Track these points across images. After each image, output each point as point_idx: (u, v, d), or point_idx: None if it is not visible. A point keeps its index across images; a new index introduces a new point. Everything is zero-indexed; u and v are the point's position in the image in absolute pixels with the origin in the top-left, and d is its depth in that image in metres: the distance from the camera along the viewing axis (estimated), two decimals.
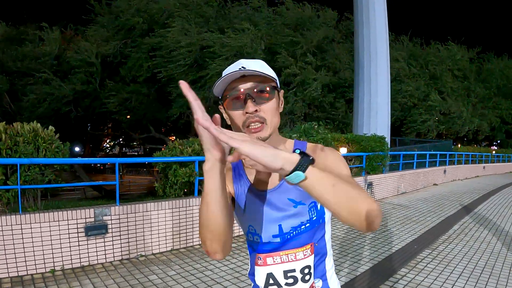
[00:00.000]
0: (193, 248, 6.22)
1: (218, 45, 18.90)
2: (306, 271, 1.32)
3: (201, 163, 6.76)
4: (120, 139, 35.86)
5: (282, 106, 1.32)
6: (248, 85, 1.20)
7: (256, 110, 1.18)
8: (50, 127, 5.46)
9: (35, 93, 19.55)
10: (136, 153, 48.10)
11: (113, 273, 4.94)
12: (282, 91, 1.33)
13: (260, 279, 1.37)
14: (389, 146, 13.48)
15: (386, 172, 13.04)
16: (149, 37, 20.21)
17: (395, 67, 24.84)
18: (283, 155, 0.92)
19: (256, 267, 1.38)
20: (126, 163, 36.93)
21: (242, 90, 1.19)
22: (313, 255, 1.34)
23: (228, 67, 1.25)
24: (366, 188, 11.19)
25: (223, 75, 1.21)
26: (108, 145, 37.88)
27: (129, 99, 21.06)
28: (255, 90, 1.20)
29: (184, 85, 0.87)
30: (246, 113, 1.18)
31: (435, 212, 9.78)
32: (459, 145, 31.87)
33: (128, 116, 23.85)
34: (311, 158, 0.95)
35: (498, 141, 40.89)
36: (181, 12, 20.36)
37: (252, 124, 1.19)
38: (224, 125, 1.06)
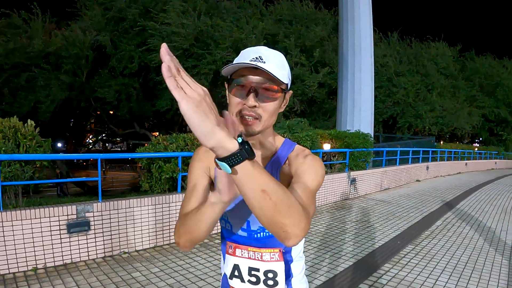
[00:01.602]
0: (176, 245, 6.18)
1: (217, 32, 18.73)
2: (270, 275, 1.31)
3: (184, 158, 6.74)
4: (103, 135, 35.65)
5: (285, 107, 1.29)
6: (257, 78, 1.16)
7: (255, 106, 1.15)
8: (30, 122, 5.39)
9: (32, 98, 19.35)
10: (119, 149, 47.86)
11: (96, 270, 4.90)
12: (290, 92, 1.30)
13: (228, 268, 1.37)
14: (373, 142, 13.55)
15: (370, 168, 13.11)
16: (144, 20, 19.75)
17: (388, 65, 25.29)
18: (219, 137, 0.84)
19: (226, 256, 1.39)
20: (109, 159, 36.76)
21: (249, 81, 1.16)
22: (282, 262, 1.32)
23: (246, 50, 1.23)
24: (349, 184, 11.25)
25: (240, 57, 1.20)
26: (91, 141, 37.63)
27: (120, 92, 20.85)
28: (262, 86, 1.16)
29: (163, 47, 0.79)
30: (244, 104, 1.16)
31: (418, 208, 9.86)
32: (441, 142, 32.20)
33: (111, 112, 23.66)
34: (248, 153, 0.88)
35: (481, 139, 41.39)
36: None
37: (247, 117, 1.16)
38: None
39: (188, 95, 0.80)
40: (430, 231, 7.41)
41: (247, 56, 1.18)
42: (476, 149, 31.43)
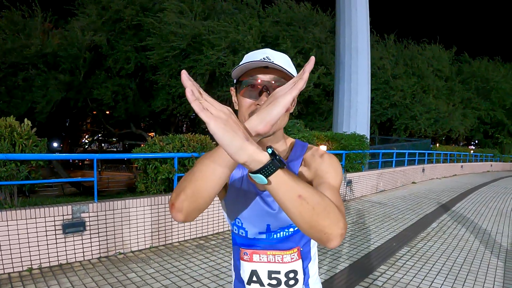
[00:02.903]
0: (172, 246, 6.18)
1: (214, 33, 18.63)
2: (291, 275, 1.31)
3: (180, 159, 6.74)
4: (99, 135, 35.56)
5: (294, 107, 1.26)
6: (268, 77, 1.16)
7: None
8: (26, 122, 5.36)
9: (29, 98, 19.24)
10: (115, 149, 47.78)
11: (91, 271, 4.88)
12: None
13: (245, 274, 1.35)
14: (368, 144, 13.56)
15: (366, 170, 13.12)
16: (142, 17, 19.58)
17: (386, 66, 25.46)
18: (250, 151, 0.85)
19: (242, 262, 1.36)
20: (104, 159, 36.66)
21: (260, 80, 1.16)
22: (300, 260, 1.32)
23: (252, 52, 1.23)
24: (345, 186, 11.25)
25: (245, 59, 1.18)
26: (86, 141, 37.51)
27: (117, 93, 20.76)
28: (274, 85, 1.15)
29: (184, 74, 0.81)
30: (258, 104, 1.15)
31: (413, 210, 9.87)
32: (437, 144, 32.27)
33: (108, 112, 23.58)
34: (279, 162, 0.89)
35: (476, 141, 41.51)
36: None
37: None
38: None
39: (215, 115, 0.82)
40: (425, 233, 7.42)
41: (253, 57, 1.17)
42: (472, 151, 31.51)
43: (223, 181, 1.04)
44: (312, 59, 0.92)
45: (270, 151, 0.90)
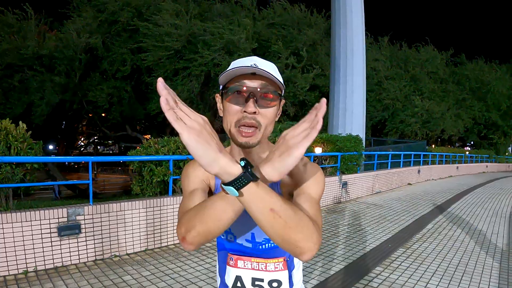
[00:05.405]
0: (167, 248, 6.17)
1: (209, 33, 18.64)
2: (275, 284, 1.31)
3: (175, 162, 6.73)
4: (95, 137, 35.50)
5: (279, 116, 1.26)
6: (255, 84, 1.14)
7: (255, 112, 1.12)
8: (22, 125, 5.35)
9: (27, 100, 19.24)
10: (110, 152, 47.66)
11: (87, 274, 4.87)
12: (283, 101, 1.26)
13: (230, 280, 1.36)
14: (364, 146, 13.57)
15: (361, 172, 13.13)
16: (137, 21, 19.60)
17: (378, 68, 25.50)
18: (222, 163, 0.87)
19: (227, 267, 1.36)
20: (100, 161, 36.53)
21: (247, 87, 1.13)
22: (286, 270, 1.32)
23: (239, 59, 1.21)
24: (341, 187, 11.25)
25: (233, 66, 1.16)
26: (82, 143, 37.44)
27: (112, 95, 20.74)
28: (260, 92, 1.14)
29: (160, 82, 0.81)
30: (244, 111, 1.13)
31: (409, 211, 9.88)
32: (433, 146, 32.31)
33: (103, 114, 23.56)
34: (251, 175, 0.90)
35: (472, 142, 41.59)
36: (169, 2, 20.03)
37: (245, 128, 1.13)
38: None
39: (189, 125, 0.82)
40: (421, 234, 7.44)
41: (241, 64, 1.15)
42: (467, 152, 31.56)
43: (233, 220, 1.06)
44: (324, 102, 0.92)
45: (242, 163, 0.91)
